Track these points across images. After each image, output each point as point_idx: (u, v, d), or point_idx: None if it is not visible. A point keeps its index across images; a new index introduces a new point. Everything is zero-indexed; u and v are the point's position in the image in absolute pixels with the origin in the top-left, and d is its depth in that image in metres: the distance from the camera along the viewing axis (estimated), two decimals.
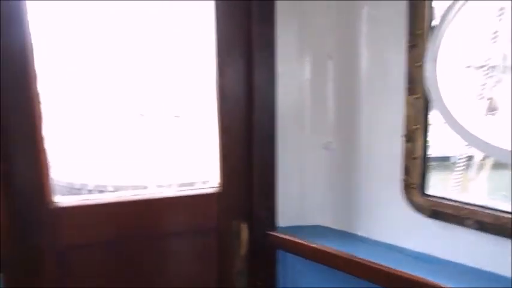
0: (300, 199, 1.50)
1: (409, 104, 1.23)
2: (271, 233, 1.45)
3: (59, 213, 1.32)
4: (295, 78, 1.41)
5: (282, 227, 1.49)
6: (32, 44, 1.24)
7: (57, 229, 1.33)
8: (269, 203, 1.44)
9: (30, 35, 1.23)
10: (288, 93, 1.41)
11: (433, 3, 1.17)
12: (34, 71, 1.24)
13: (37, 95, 1.26)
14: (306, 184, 1.49)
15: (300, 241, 1.37)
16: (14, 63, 1.21)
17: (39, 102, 1.26)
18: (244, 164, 1.45)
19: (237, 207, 1.47)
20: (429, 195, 1.23)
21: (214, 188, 1.47)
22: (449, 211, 1.18)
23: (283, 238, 1.42)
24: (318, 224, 1.52)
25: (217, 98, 1.41)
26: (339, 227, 1.49)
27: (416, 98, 1.21)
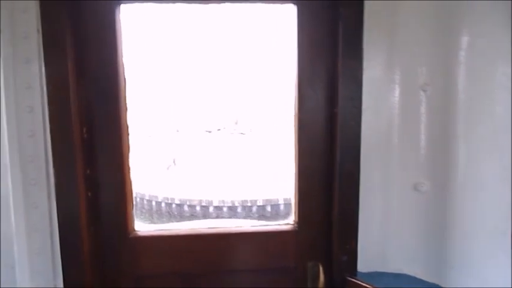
0: (383, 243, 1.37)
1: None
2: (351, 279, 1.33)
3: (138, 242, 1.34)
4: (383, 112, 1.31)
5: (362, 273, 1.36)
6: (124, 74, 1.29)
7: (135, 257, 1.35)
8: (350, 246, 1.33)
9: (123, 65, 1.28)
10: (374, 129, 1.31)
11: None
12: (125, 104, 1.29)
13: (127, 127, 1.30)
14: (392, 227, 1.36)
15: None
16: (106, 96, 1.28)
17: (127, 134, 1.31)
18: (323, 202, 1.36)
19: (314, 247, 1.38)
20: None
21: (290, 225, 1.40)
22: None
23: (365, 287, 1.29)
24: (403, 272, 1.37)
25: (296, 132, 1.36)
26: (427, 278, 1.33)
27: None
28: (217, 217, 14.14)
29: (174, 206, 14.43)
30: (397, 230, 1.35)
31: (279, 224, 1.43)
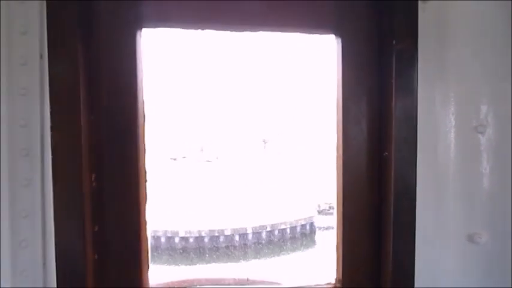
0: None
1: None
2: None
3: None
4: (438, 155, 1.18)
5: None
6: (144, 109, 1.09)
7: None
8: None
9: (142, 98, 1.08)
10: (427, 174, 1.17)
11: None
12: (144, 145, 1.08)
13: (144, 173, 1.08)
14: (447, 284, 1.20)
15: None
16: (120, 135, 1.06)
17: (145, 181, 1.09)
18: (371, 256, 1.19)
19: None
20: None
21: (332, 285, 1.21)
22: None
23: None
24: None
25: (340, 176, 1.20)
26: None
27: None
28: (182, 248, 13.61)
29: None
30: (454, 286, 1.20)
31: (319, 285, 1.23)
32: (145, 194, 1.09)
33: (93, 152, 1.02)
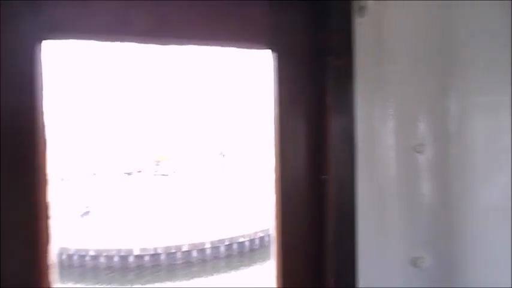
0: None
1: None
2: None
3: None
4: (378, 176, 1.12)
5: None
6: (44, 132, 0.94)
7: None
8: None
9: (42, 120, 0.93)
10: (368, 196, 1.10)
11: None
12: (45, 175, 0.92)
13: (46, 207, 0.92)
14: None
15: None
16: (16, 163, 0.90)
17: (47, 218, 0.93)
18: (311, 283, 1.11)
19: None
20: None
21: None
22: None
23: None
24: None
25: (278, 202, 1.10)
26: None
27: None
28: (137, 267, 13.00)
29: (88, 258, 12.96)
30: None
31: None
32: (47, 233, 0.93)
33: None
